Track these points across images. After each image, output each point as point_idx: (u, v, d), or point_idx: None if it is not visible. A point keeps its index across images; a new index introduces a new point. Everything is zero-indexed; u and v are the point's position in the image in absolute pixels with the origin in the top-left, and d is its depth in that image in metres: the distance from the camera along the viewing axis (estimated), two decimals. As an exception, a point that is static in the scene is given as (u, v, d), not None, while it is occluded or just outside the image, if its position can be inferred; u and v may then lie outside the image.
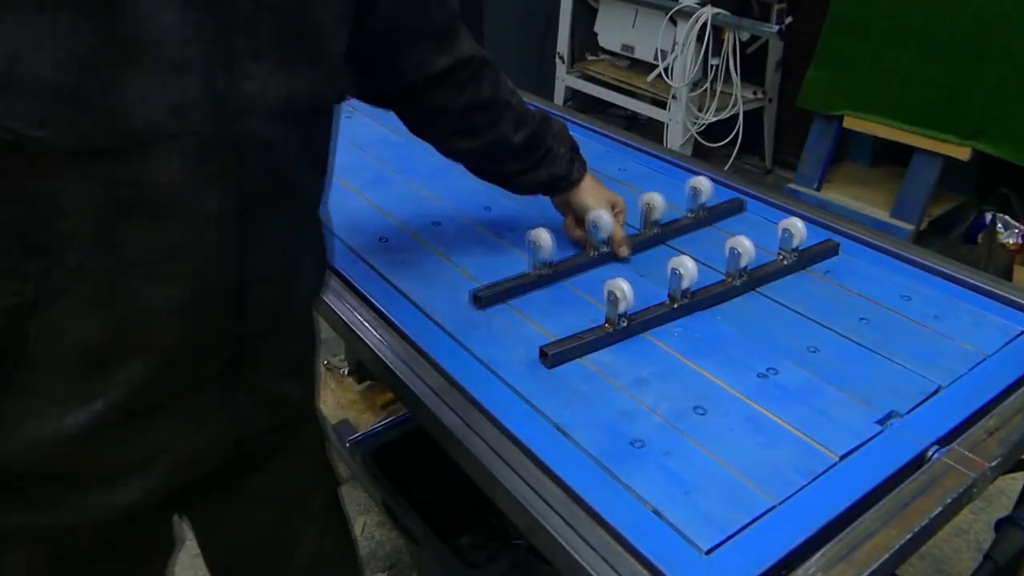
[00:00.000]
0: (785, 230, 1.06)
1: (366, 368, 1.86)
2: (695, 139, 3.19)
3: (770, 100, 3.27)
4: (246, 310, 0.66)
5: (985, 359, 0.91)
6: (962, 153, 2.48)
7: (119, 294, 0.58)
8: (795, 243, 1.06)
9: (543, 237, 1.00)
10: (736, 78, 3.05)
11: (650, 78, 3.21)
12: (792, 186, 2.94)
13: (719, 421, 0.81)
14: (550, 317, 0.98)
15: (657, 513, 0.70)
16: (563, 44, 3.55)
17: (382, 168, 1.39)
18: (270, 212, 0.65)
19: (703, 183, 1.17)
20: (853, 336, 0.95)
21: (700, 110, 3.14)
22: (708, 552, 0.67)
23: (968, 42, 2.39)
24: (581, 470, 0.75)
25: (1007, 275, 2.46)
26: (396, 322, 0.97)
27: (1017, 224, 2.58)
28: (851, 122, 2.72)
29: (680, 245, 1.15)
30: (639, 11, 3.22)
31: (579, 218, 1.10)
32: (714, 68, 3.06)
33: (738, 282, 1.01)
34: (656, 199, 1.11)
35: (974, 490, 0.75)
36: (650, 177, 1.36)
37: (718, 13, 2.90)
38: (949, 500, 0.72)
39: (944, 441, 0.79)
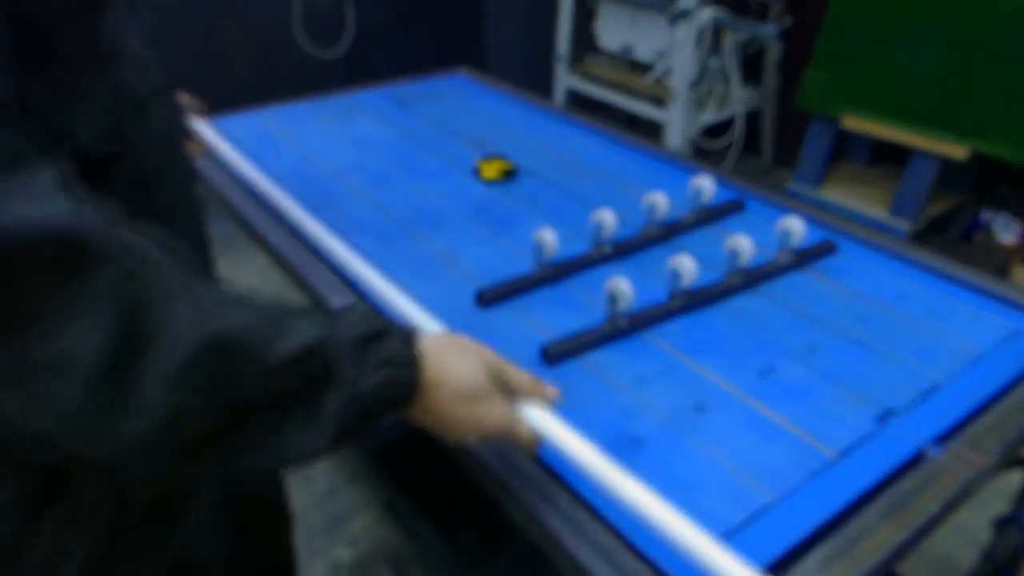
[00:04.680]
0: (784, 229, 1.07)
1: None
2: (694, 139, 3.19)
3: (769, 100, 3.28)
4: None
5: (983, 357, 0.92)
6: (960, 152, 2.49)
7: None
8: (794, 242, 1.07)
9: (548, 237, 1.01)
10: (735, 78, 3.05)
11: (649, 79, 3.22)
12: (791, 186, 2.94)
13: (718, 419, 0.82)
14: (552, 316, 0.98)
15: (657, 510, 0.71)
16: (563, 44, 3.55)
17: (383, 167, 1.39)
18: None
19: (706, 183, 1.17)
20: (851, 334, 0.96)
21: (699, 110, 3.15)
22: (708, 548, 0.67)
23: (966, 42, 2.40)
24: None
25: (1004, 274, 2.46)
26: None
27: (1015, 223, 2.59)
28: (849, 122, 2.73)
29: (680, 244, 1.15)
30: (638, 12, 3.22)
31: None
32: (713, 69, 3.06)
33: (737, 281, 1.02)
34: (660, 199, 1.12)
35: (972, 487, 0.75)
36: (650, 176, 1.37)
37: (717, 14, 2.91)
38: (947, 497, 0.73)
39: (942, 438, 0.80)
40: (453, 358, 0.61)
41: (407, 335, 0.58)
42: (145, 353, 0.43)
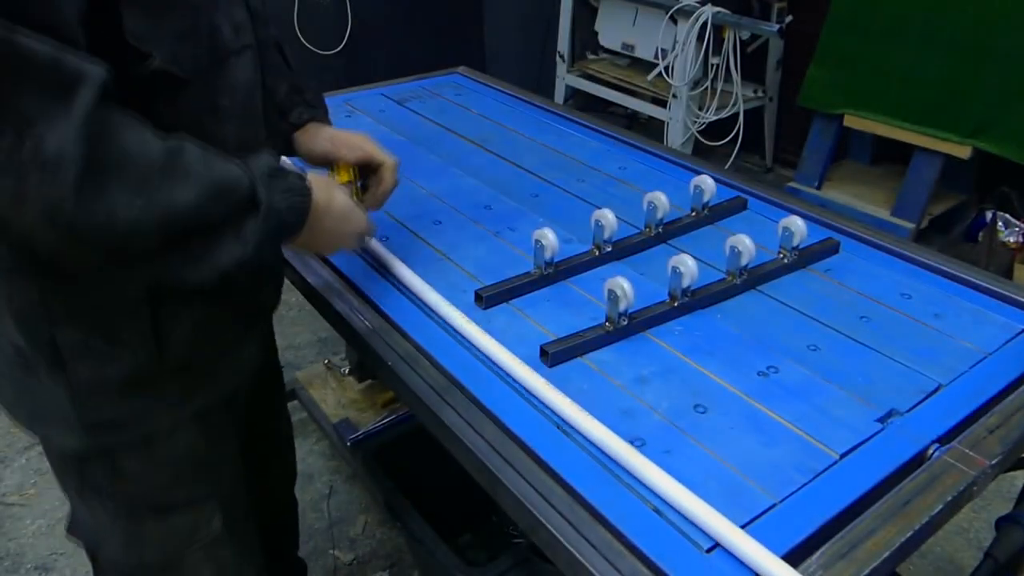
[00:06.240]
0: (785, 228, 1.06)
1: (366, 367, 1.86)
2: (695, 138, 3.19)
3: (770, 99, 3.27)
4: None
5: (986, 357, 0.91)
6: (963, 151, 2.48)
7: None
8: (795, 241, 1.06)
9: (548, 237, 1.00)
10: (736, 77, 3.04)
11: (650, 77, 3.21)
12: (792, 184, 2.94)
13: (719, 419, 0.81)
14: (551, 316, 0.98)
15: (657, 511, 0.70)
16: (563, 43, 3.55)
17: (382, 167, 1.39)
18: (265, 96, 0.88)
19: (707, 182, 1.17)
20: (853, 334, 0.95)
21: (700, 109, 3.14)
22: (708, 551, 0.67)
23: (968, 41, 2.39)
24: (582, 468, 0.75)
25: (1008, 273, 2.46)
26: (397, 321, 0.97)
27: (1018, 223, 2.58)
28: (851, 120, 2.72)
29: (681, 244, 1.15)
30: (639, 10, 3.22)
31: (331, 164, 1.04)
32: (714, 67, 3.05)
33: (738, 280, 1.01)
34: (660, 198, 1.11)
35: (974, 488, 0.75)
36: (650, 176, 1.36)
37: (718, 12, 2.90)
38: (949, 498, 0.72)
39: (945, 439, 0.79)
40: (332, 190, 0.86)
41: (301, 173, 0.79)
42: (115, 174, 0.59)
